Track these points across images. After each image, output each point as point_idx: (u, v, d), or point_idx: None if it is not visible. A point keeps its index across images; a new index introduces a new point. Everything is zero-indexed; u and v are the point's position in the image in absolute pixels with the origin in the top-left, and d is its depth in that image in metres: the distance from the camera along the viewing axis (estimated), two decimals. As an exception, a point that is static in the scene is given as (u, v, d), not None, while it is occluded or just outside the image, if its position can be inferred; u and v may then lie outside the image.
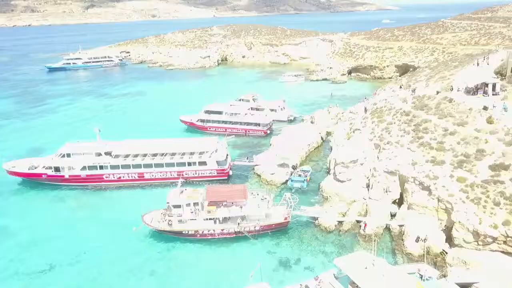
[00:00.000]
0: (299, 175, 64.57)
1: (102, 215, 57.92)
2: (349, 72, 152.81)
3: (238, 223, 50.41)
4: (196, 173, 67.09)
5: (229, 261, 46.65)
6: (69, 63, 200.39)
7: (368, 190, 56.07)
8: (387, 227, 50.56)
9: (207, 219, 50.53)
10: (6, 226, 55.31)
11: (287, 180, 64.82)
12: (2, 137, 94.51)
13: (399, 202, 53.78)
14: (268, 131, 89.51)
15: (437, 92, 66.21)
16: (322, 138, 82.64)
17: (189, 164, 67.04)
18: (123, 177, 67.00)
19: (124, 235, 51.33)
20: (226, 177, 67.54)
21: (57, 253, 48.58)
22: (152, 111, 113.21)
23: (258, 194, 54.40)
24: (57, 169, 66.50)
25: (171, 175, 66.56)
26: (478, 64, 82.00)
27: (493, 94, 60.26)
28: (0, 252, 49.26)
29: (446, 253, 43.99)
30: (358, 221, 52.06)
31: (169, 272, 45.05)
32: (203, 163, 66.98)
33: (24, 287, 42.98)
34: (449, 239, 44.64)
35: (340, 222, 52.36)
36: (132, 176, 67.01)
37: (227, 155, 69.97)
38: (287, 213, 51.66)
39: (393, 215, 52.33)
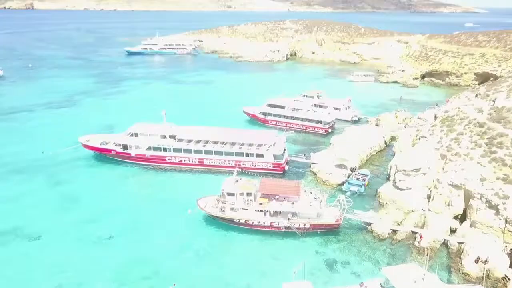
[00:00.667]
0: (357, 179, 62.97)
1: (161, 194, 60.87)
2: (423, 77, 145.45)
3: (289, 219, 50.48)
4: (252, 165, 67.96)
5: (274, 254, 46.96)
6: (146, 48, 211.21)
7: (429, 201, 53.37)
8: (444, 243, 47.91)
9: (258, 210, 51.16)
10: (75, 195, 60.13)
11: (343, 182, 63.59)
12: (80, 113, 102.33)
13: (462, 218, 50.66)
14: (330, 130, 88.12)
15: (519, 105, 61.03)
16: (385, 142, 79.81)
17: (247, 155, 68.07)
18: (184, 160, 69.70)
19: (179, 216, 53.55)
20: (282, 172, 67.71)
21: (116, 225, 51.95)
22: (217, 99, 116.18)
23: (311, 193, 53.97)
24: (125, 147, 70.75)
25: (228, 163, 68.04)
26: None
27: None
28: (66, 218, 53.63)
29: (509, 279, 40.79)
30: (413, 232, 49.84)
31: (215, 256, 46.38)
32: (260, 155, 67.67)
33: (83, 253, 46.48)
34: (514, 265, 41.37)
35: (394, 231, 50.48)
36: (192, 161, 69.50)
37: (285, 150, 70.04)
38: (339, 215, 50.78)
39: (453, 231, 49.44)
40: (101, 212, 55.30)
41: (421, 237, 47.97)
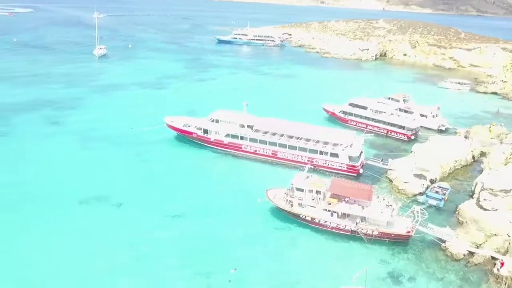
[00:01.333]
0: (436, 192, 59.11)
1: (234, 180, 62.88)
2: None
3: (356, 223, 49.19)
4: (325, 163, 67.08)
5: (337, 256, 46.22)
6: (236, 38, 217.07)
7: (516, 227, 48.54)
8: (529, 275, 43.36)
9: (326, 210, 50.53)
10: (155, 170, 64.37)
11: (420, 193, 60.23)
12: (168, 94, 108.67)
13: (554, 251, 45.36)
14: (413, 137, 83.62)
15: None
16: (473, 157, 73.84)
17: (321, 152, 67.30)
18: (258, 151, 70.94)
19: (248, 203, 54.86)
20: (355, 174, 65.94)
21: (188, 204, 54.76)
22: (298, 94, 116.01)
23: (384, 199, 51.98)
24: (205, 131, 73.87)
25: (301, 159, 67.87)
26: None
27: None
28: (145, 191, 57.66)
29: None
30: (493, 258, 45.78)
31: (277, 248, 46.86)
32: (335, 155, 66.51)
33: (155, 225, 49.70)
34: None
35: (471, 253, 46.79)
36: (266, 152, 70.50)
37: (361, 152, 68.02)
38: (411, 226, 48.31)
39: (540, 264, 44.47)
40: (176, 189, 58.58)
41: (502, 264, 43.92)
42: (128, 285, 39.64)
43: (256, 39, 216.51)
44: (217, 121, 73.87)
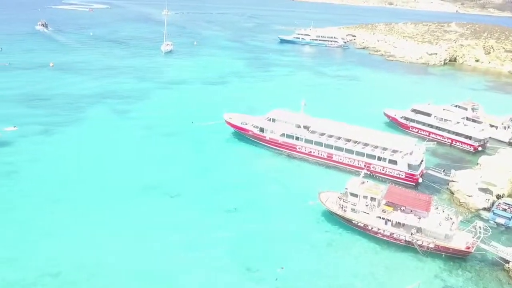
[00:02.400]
0: (504, 209, 55.10)
1: (287, 180, 63.01)
2: None
3: (412, 233, 47.37)
4: (382, 170, 65.13)
5: (389, 267, 44.81)
6: (299, 38, 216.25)
7: None
8: None
9: (380, 217, 49.15)
10: (212, 164, 66.23)
11: (484, 208, 56.67)
12: (228, 91, 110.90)
13: None
14: (480, 148, 78.68)
15: None
16: (548, 175, 67.94)
17: (379, 158, 65.42)
18: (313, 152, 70.42)
19: (299, 204, 54.83)
20: (414, 183, 63.37)
21: (241, 199, 55.74)
22: (359, 97, 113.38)
23: (443, 211, 49.59)
24: (261, 129, 74.63)
25: (357, 163, 66.46)
26: None
27: None
28: (200, 183, 59.49)
29: None
30: None
31: (326, 252, 46.40)
32: (393, 162, 64.35)
33: (208, 217, 51.16)
34: None
35: (538, 278, 43.29)
36: (321, 154, 69.81)
37: (422, 161, 65.23)
38: (472, 242, 45.62)
39: None
40: (231, 184, 59.86)
41: None
42: (177, 274, 41.16)
43: (319, 40, 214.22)
44: (273, 120, 74.31)
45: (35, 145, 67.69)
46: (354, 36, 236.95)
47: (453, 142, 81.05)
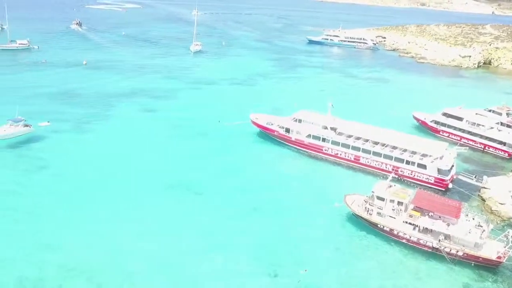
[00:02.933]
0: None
1: (311, 181, 62.64)
2: None
3: (439, 240, 46.10)
4: (411, 174, 63.71)
5: (415, 273, 43.82)
6: (327, 39, 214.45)
7: None
8: None
9: (406, 222, 48.08)
10: (236, 164, 66.53)
11: (518, 217, 54.49)
12: (256, 92, 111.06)
13: None
14: (514, 155, 75.88)
15: None
16: None
17: (407, 162, 64.02)
18: (340, 154, 69.62)
19: (324, 206, 54.23)
20: (444, 189, 61.67)
21: (263, 199, 55.70)
22: (387, 99, 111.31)
23: (473, 219, 48.04)
24: (287, 130, 74.35)
25: (385, 167, 65.28)
26: None
27: None
28: (225, 182, 59.77)
29: None
30: None
31: (350, 255, 45.79)
32: (422, 166, 62.83)
33: (230, 217, 51.32)
34: None
35: None
36: (348, 156, 68.93)
37: (453, 166, 63.42)
38: (503, 252, 44.00)
39: None
40: (255, 184, 59.95)
41: None
42: (198, 273, 41.39)
43: (348, 41, 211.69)
44: (299, 120, 73.91)
45: (66, 141, 69.81)
46: (384, 37, 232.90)
47: (486, 148, 78.44)
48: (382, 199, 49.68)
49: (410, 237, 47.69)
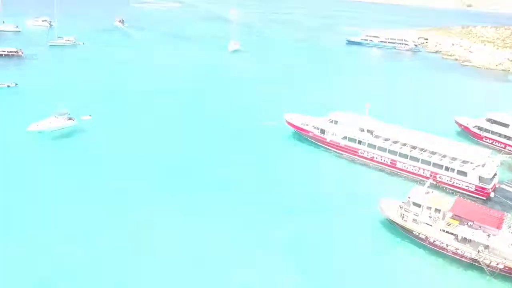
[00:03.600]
0: None
1: (346, 184, 61.89)
2: None
3: (479, 251, 44.16)
4: (450, 181, 61.40)
5: (451, 285, 42.32)
6: (366, 40, 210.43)
7: None
8: None
9: (443, 230, 46.39)
10: (270, 163, 66.56)
11: None
12: (291, 91, 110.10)
13: None
14: None
15: None
16: None
17: (446, 168, 61.79)
18: (376, 158, 68.11)
19: (358, 210, 53.40)
20: (485, 198, 59.03)
21: (298, 200, 55.40)
22: (428, 103, 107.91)
23: (517, 231, 45.69)
24: (322, 131, 73.52)
25: (422, 172, 63.29)
26: None
27: None
28: (257, 181, 59.87)
29: None
30: None
31: (384, 263, 44.73)
32: (462, 173, 60.43)
33: (265, 217, 51.34)
34: None
35: None
36: (384, 160, 67.34)
37: (495, 174, 60.60)
38: (548, 268, 41.61)
39: None
40: (289, 185, 59.70)
41: None
42: (232, 271, 41.75)
43: (388, 42, 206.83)
44: (335, 122, 72.89)
45: (108, 133, 72.16)
46: (426, 39, 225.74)
47: (533, 157, 74.46)
48: (419, 206, 48.15)
49: (447, 246, 45.96)
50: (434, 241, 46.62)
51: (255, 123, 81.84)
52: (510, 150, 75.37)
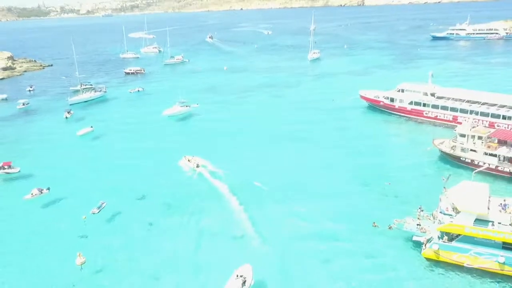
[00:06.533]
0: None
1: (413, 137, 72.15)
2: None
3: (518, 165, 52.39)
4: (508, 127, 68.01)
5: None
6: (453, 33, 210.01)
7: None
8: None
9: (486, 153, 55.35)
10: (349, 133, 79.35)
11: None
12: (369, 80, 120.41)
13: None
14: None
15: None
16: None
17: (504, 117, 68.62)
18: (439, 116, 77.13)
19: (418, 150, 64.46)
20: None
21: (366, 147, 67.77)
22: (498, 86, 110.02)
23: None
24: (391, 99, 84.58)
25: (482, 124, 70.40)
26: None
27: None
28: (331, 139, 73.52)
29: None
30: None
31: (435, 182, 54.55)
32: (519, 120, 67.02)
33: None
34: None
35: None
36: (447, 117, 76.05)
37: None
38: None
39: None
40: (365, 144, 69.24)
41: None
42: (313, 180, 56.22)
43: (476, 33, 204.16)
44: (402, 90, 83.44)
45: (211, 117, 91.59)
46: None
47: None
48: (464, 136, 57.68)
49: (489, 165, 54.68)
50: (478, 162, 55.67)
51: (334, 102, 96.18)
52: None
